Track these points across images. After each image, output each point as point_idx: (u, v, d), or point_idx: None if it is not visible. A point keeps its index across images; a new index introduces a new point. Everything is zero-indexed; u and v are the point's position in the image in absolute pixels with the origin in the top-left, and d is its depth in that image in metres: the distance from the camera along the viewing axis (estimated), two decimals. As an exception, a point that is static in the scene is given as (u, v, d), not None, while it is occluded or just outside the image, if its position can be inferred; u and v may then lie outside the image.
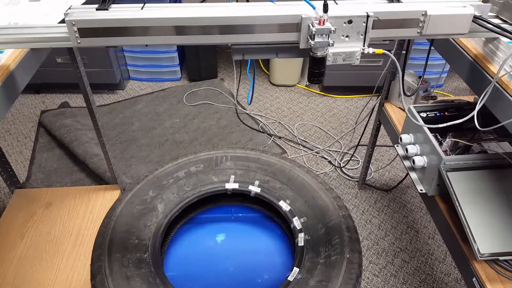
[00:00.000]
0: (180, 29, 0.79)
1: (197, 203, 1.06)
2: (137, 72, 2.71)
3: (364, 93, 2.57)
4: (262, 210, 1.12)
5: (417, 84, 1.38)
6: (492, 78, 0.84)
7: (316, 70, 0.80)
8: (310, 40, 0.75)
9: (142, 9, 0.83)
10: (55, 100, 2.49)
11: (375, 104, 1.60)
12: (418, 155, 1.17)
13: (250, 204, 1.13)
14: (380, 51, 0.80)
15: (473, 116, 0.84)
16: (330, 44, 0.75)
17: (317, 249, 0.93)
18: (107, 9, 0.82)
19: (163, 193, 1.02)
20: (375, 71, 2.40)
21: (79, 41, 0.80)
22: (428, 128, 1.13)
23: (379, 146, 2.13)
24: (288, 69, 2.63)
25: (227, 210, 1.13)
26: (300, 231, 0.97)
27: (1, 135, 2.18)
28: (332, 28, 0.72)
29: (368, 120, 1.75)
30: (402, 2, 0.81)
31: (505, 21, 0.85)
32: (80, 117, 2.21)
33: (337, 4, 0.81)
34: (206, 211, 1.12)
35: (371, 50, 0.79)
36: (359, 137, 1.88)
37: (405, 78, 1.41)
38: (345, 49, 0.77)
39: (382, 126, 1.60)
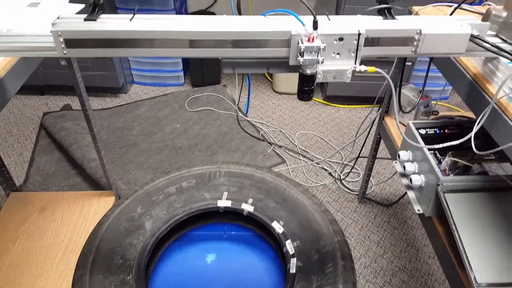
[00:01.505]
0: (167, 42, 0.77)
1: (188, 220, 1.04)
2: (140, 76, 2.71)
3: (368, 103, 2.52)
4: (255, 229, 1.09)
5: (418, 99, 1.34)
6: (491, 99, 0.81)
7: (305, 87, 0.77)
8: (300, 57, 0.73)
9: (130, 20, 0.81)
10: (58, 102, 2.50)
11: (375, 117, 1.56)
12: (416, 173, 1.13)
13: (243, 223, 1.10)
14: (372, 69, 0.77)
15: (471, 137, 0.81)
16: (320, 62, 0.73)
17: (309, 278, 0.89)
18: (95, 20, 0.81)
19: (152, 210, 1.00)
20: (379, 81, 2.36)
21: (65, 51, 0.78)
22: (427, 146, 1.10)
23: (380, 158, 2.09)
24: (291, 77, 2.60)
25: (219, 228, 1.10)
26: (293, 256, 0.93)
27: (2, 136, 2.19)
28: (322, 46, 0.70)
29: (368, 133, 1.71)
30: (396, 19, 0.78)
31: (504, 41, 0.82)
32: (81, 120, 2.21)
33: (329, 19, 0.79)
34: (197, 228, 1.09)
35: (363, 68, 0.76)
36: (360, 149, 1.84)
37: (405, 92, 1.38)
38: (336, 67, 0.75)
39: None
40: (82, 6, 1.17)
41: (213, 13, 2.72)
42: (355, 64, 0.76)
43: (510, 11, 0.82)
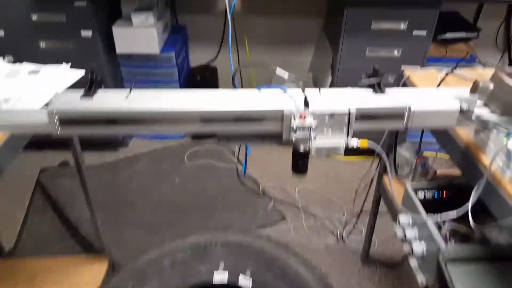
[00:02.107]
0: (162, 121, 0.79)
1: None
2: (140, 131, 2.74)
3: (369, 154, 2.51)
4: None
5: (415, 159, 1.34)
6: (484, 170, 0.80)
7: (299, 163, 0.77)
8: (293, 134, 0.74)
9: (127, 98, 0.83)
10: (57, 157, 2.49)
11: (373, 176, 1.55)
12: (417, 239, 1.10)
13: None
14: (365, 144, 0.77)
15: (467, 210, 0.79)
16: (312, 139, 0.73)
17: None
18: (91, 96, 0.82)
19: (143, 287, 0.94)
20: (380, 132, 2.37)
21: (59, 130, 0.79)
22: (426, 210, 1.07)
23: (384, 213, 2.04)
24: (289, 130, 2.63)
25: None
26: None
27: (-2, 196, 2.16)
28: (313, 126, 0.71)
29: (368, 190, 1.69)
30: (385, 93, 0.80)
31: (493, 111, 0.83)
32: (78, 178, 2.20)
33: (320, 94, 0.81)
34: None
35: (355, 143, 0.77)
36: (361, 206, 1.81)
37: (401, 153, 1.38)
38: (328, 143, 0.75)
39: (382, 198, 1.53)
40: (83, 72, 1.20)
41: (214, 68, 2.81)
42: (347, 138, 0.76)
43: (496, 83, 0.84)
